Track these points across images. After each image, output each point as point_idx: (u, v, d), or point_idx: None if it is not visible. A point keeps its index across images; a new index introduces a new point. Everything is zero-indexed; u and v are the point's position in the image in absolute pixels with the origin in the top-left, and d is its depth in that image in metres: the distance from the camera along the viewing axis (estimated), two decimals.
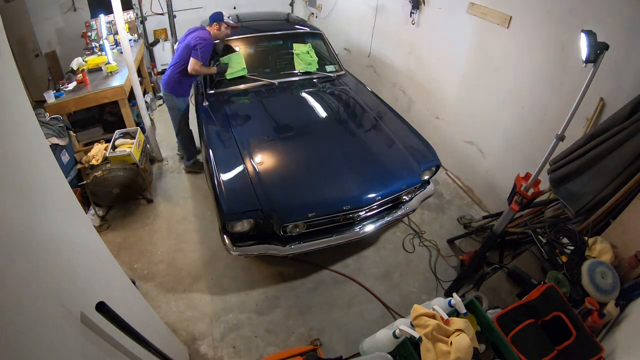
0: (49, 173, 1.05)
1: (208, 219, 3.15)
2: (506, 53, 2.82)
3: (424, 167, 2.53)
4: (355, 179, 2.35)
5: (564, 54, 2.37)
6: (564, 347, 1.45)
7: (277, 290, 2.60)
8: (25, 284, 0.79)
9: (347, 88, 3.39)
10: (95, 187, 2.93)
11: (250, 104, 3.12)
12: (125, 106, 3.58)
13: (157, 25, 5.69)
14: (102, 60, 3.77)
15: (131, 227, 3.08)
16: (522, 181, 2.21)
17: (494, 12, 2.82)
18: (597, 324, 1.64)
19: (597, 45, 1.69)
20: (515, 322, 1.50)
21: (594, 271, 1.77)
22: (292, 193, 2.27)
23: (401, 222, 3.16)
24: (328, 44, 3.78)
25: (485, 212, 3.24)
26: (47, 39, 4.86)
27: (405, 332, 1.38)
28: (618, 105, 2.04)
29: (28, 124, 0.97)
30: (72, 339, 0.93)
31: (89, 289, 1.09)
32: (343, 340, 2.31)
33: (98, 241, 1.31)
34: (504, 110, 2.93)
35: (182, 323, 2.37)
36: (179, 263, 2.77)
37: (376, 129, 2.85)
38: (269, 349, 2.25)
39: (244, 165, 2.37)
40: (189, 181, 3.62)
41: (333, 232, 2.38)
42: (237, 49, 3.40)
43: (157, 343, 1.44)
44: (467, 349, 1.32)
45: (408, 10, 3.74)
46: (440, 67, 3.58)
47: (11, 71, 0.92)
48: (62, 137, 3.04)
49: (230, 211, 2.12)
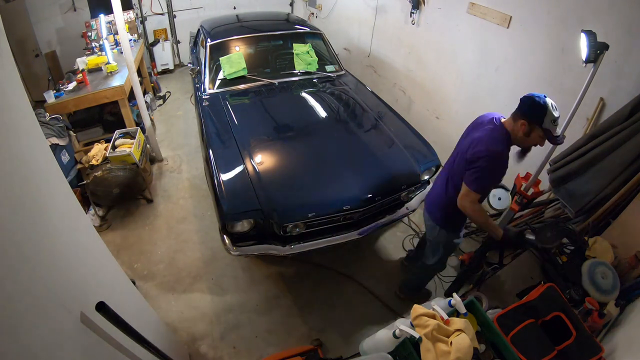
0: (49, 173, 1.05)
1: (208, 219, 3.15)
2: (506, 53, 2.82)
3: (423, 167, 2.53)
4: (355, 179, 2.35)
5: (564, 54, 2.36)
6: (564, 347, 1.45)
7: (277, 290, 2.60)
8: (25, 284, 0.79)
9: (347, 88, 3.39)
10: (95, 187, 2.93)
11: (250, 104, 3.12)
12: (125, 106, 3.58)
13: (157, 25, 5.69)
14: (102, 60, 3.77)
15: (131, 227, 3.08)
16: (522, 181, 2.21)
17: (494, 12, 2.81)
18: (597, 324, 1.64)
19: (597, 45, 1.70)
20: (515, 322, 1.50)
21: (594, 271, 1.77)
22: (292, 193, 2.27)
23: (401, 222, 3.16)
24: (328, 44, 3.78)
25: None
26: (47, 39, 4.86)
27: (405, 332, 1.38)
28: (618, 105, 2.04)
29: (28, 124, 0.97)
30: (72, 339, 0.93)
31: (89, 289, 1.09)
32: (343, 340, 2.31)
33: (98, 241, 1.31)
34: (504, 110, 2.89)
35: (182, 323, 2.37)
36: (179, 263, 2.77)
37: (376, 129, 2.84)
38: (269, 349, 2.25)
39: (244, 165, 2.37)
40: (189, 181, 3.61)
41: (333, 232, 2.38)
42: (237, 49, 3.40)
43: (157, 343, 1.44)
44: (467, 349, 1.32)
45: (408, 10, 3.74)
46: (440, 67, 3.58)
47: (11, 71, 0.92)
48: (62, 137, 3.04)
49: (231, 211, 2.12)
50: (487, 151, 1.61)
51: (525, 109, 1.57)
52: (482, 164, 1.61)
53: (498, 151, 1.61)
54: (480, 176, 1.63)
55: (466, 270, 2.50)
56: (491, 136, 1.65)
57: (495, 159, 1.61)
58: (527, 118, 1.56)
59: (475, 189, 1.64)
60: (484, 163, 1.61)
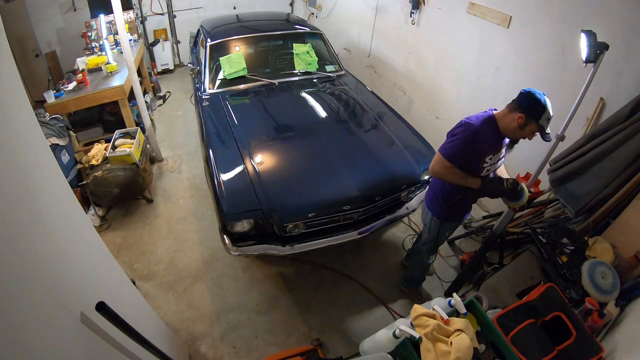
0: (49, 173, 1.05)
1: (208, 219, 3.15)
2: (506, 53, 2.82)
3: (423, 167, 2.52)
4: (355, 178, 2.35)
5: (564, 54, 2.36)
6: (564, 347, 1.45)
7: (277, 290, 2.60)
8: (25, 284, 0.79)
9: (347, 88, 3.39)
10: (95, 187, 2.93)
11: (250, 104, 3.12)
12: (125, 106, 3.58)
13: (157, 25, 5.69)
14: (102, 60, 3.77)
15: (131, 227, 3.08)
16: (522, 181, 2.21)
17: (494, 12, 2.81)
18: (597, 324, 1.64)
19: (597, 45, 1.70)
20: (515, 322, 1.50)
21: (594, 271, 1.77)
22: (292, 193, 2.27)
23: (401, 222, 3.16)
24: (328, 44, 3.78)
25: (485, 212, 3.23)
26: (47, 39, 4.86)
27: (405, 332, 1.38)
28: (618, 105, 2.04)
29: (28, 124, 0.97)
30: (72, 339, 0.93)
31: (89, 289, 1.09)
32: (343, 340, 2.31)
33: (98, 241, 1.31)
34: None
35: (182, 323, 2.37)
36: (179, 263, 2.77)
37: (376, 129, 2.84)
38: (269, 349, 2.25)
39: (244, 165, 2.36)
40: (189, 181, 3.61)
41: (333, 232, 2.38)
42: (237, 49, 3.40)
43: (157, 343, 1.44)
44: (467, 349, 1.32)
45: (408, 10, 3.74)
46: (440, 67, 3.58)
47: (11, 71, 0.92)
48: (62, 137, 3.04)
49: (231, 211, 2.12)
50: (465, 123, 1.71)
51: (526, 104, 1.61)
52: (455, 131, 1.72)
53: (474, 125, 1.68)
54: (452, 144, 1.71)
55: (466, 270, 2.50)
56: (475, 115, 1.74)
57: (469, 131, 1.68)
58: (526, 112, 1.61)
59: (444, 153, 1.72)
60: (458, 131, 1.71)
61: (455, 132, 1.72)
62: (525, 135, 1.68)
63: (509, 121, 1.66)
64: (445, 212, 1.99)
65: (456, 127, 1.74)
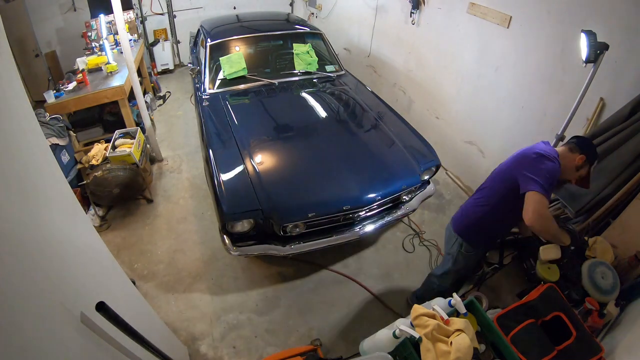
0: (49, 173, 1.05)
1: (208, 219, 3.15)
2: (506, 53, 2.82)
3: (423, 167, 2.53)
4: (355, 179, 2.35)
5: (564, 54, 2.36)
6: (564, 347, 1.45)
7: (277, 290, 2.60)
8: (25, 284, 0.79)
9: (347, 88, 3.39)
10: (95, 187, 2.93)
11: (251, 104, 3.12)
12: (125, 106, 3.58)
13: (157, 25, 5.69)
14: (102, 60, 3.77)
15: (131, 227, 3.08)
16: None
17: (494, 12, 2.82)
18: (597, 324, 1.64)
19: (597, 45, 1.70)
20: (515, 322, 1.50)
21: (594, 271, 1.77)
22: (292, 193, 2.27)
23: (401, 222, 3.16)
24: (328, 44, 3.78)
25: None
26: (47, 39, 4.87)
27: (405, 332, 1.38)
28: (618, 105, 2.04)
29: (28, 124, 0.97)
30: (72, 339, 0.93)
31: (89, 289, 1.09)
32: (343, 340, 2.31)
33: (98, 241, 1.31)
34: (504, 110, 2.93)
35: (182, 323, 2.37)
36: (179, 263, 2.77)
37: (376, 129, 2.84)
38: (269, 349, 2.25)
39: (244, 165, 2.36)
40: (189, 181, 3.61)
41: (333, 232, 2.38)
42: (237, 48, 3.40)
43: (157, 343, 1.44)
44: (467, 349, 1.32)
45: (408, 10, 3.74)
46: (440, 67, 3.58)
47: (11, 71, 0.92)
48: (62, 137, 3.04)
49: (230, 211, 2.12)
50: (546, 155, 1.55)
51: (587, 149, 1.61)
52: (540, 166, 1.53)
53: (557, 162, 1.56)
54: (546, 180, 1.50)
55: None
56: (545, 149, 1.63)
57: (557, 170, 1.54)
58: (588, 156, 1.59)
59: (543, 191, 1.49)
60: (543, 167, 1.52)
61: (540, 167, 1.52)
62: (574, 177, 1.65)
63: (569, 159, 1.61)
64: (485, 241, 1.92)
65: (537, 161, 1.54)
